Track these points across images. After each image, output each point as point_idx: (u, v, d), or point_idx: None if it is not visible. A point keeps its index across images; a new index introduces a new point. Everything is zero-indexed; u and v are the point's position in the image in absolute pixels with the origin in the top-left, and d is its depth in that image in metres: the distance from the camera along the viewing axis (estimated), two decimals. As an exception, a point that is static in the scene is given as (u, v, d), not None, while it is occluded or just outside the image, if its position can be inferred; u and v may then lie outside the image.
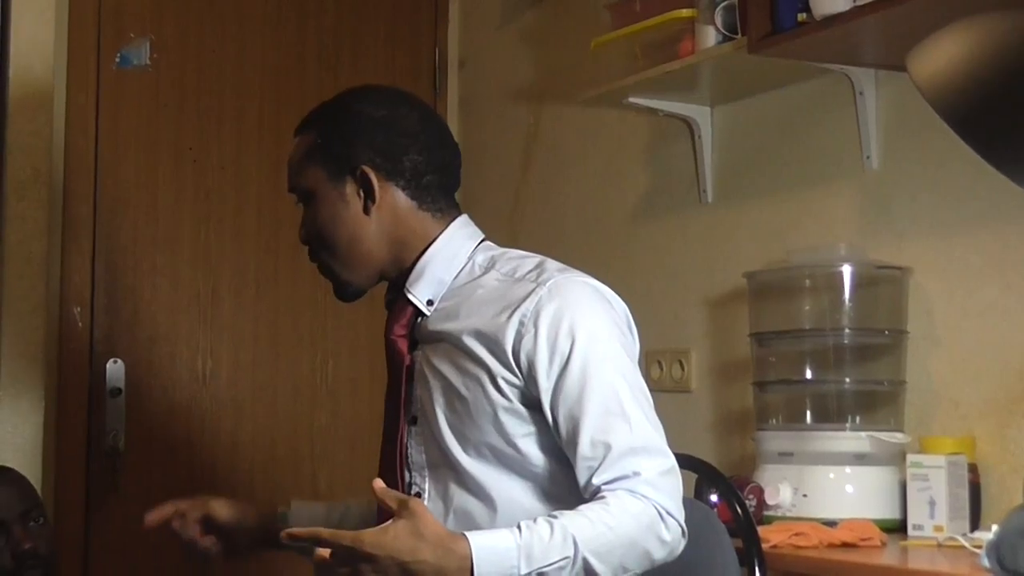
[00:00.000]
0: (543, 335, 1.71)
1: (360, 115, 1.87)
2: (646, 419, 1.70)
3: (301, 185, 1.90)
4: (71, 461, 3.21)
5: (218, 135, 3.45)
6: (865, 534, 2.25)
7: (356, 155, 1.85)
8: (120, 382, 3.29)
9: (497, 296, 1.78)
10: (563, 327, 1.71)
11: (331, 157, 1.86)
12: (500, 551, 1.55)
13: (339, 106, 1.90)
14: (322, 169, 1.86)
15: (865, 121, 2.64)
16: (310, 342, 3.53)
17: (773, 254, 2.80)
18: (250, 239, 3.47)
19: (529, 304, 1.73)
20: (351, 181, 1.86)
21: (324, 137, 1.87)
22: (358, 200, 1.86)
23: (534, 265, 1.82)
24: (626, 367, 1.73)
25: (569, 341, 1.70)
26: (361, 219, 1.86)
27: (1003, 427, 2.39)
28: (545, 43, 3.55)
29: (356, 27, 3.64)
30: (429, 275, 1.85)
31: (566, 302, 1.73)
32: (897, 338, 2.55)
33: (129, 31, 3.37)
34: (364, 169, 1.85)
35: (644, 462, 1.66)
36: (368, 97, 1.91)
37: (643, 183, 3.25)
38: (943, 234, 2.52)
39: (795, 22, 2.41)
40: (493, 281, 1.81)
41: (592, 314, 1.74)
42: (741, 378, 2.83)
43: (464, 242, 1.89)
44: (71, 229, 3.25)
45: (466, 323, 1.78)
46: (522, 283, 1.78)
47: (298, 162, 1.90)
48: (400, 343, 1.85)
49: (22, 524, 2.25)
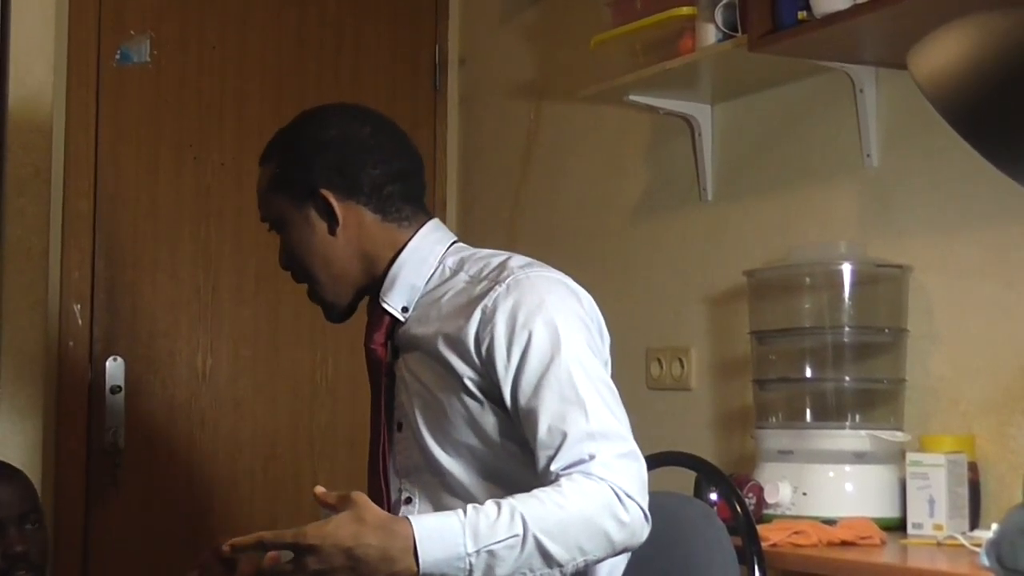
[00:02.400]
0: (500, 329, 1.73)
1: (311, 139, 1.91)
2: (604, 406, 1.69)
3: (270, 215, 1.95)
4: (71, 458, 3.21)
5: (218, 132, 3.45)
6: (865, 532, 2.25)
7: (312, 179, 1.88)
8: (120, 379, 3.29)
9: (463, 298, 1.81)
10: (519, 319, 1.72)
11: (290, 184, 1.90)
12: (444, 530, 1.55)
13: (292, 133, 1.94)
14: (285, 197, 1.91)
15: (865, 119, 2.64)
16: (310, 340, 3.53)
17: (773, 252, 2.80)
18: (250, 236, 3.46)
19: (488, 301, 1.76)
20: (312, 205, 1.89)
21: (281, 166, 1.91)
22: (322, 223, 1.89)
23: (498, 263, 1.83)
24: (584, 356, 1.73)
25: (526, 333, 1.72)
26: (328, 241, 1.90)
27: (1003, 425, 2.39)
28: (545, 41, 3.55)
29: (356, 24, 3.64)
30: (401, 282, 1.88)
31: (523, 296, 1.74)
32: (897, 336, 2.55)
33: (129, 28, 3.36)
34: (322, 192, 1.88)
35: (601, 446, 1.65)
36: (317, 120, 1.94)
37: (643, 181, 3.25)
38: (943, 232, 2.52)
39: (795, 20, 2.41)
40: (461, 283, 1.84)
41: (551, 306, 1.75)
42: (741, 376, 2.83)
43: (433, 247, 1.91)
44: (71, 226, 3.25)
45: (436, 327, 1.81)
46: (484, 282, 1.80)
47: (263, 193, 1.95)
48: (379, 351, 1.90)
49: (18, 526, 2.25)
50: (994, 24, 1.09)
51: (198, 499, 3.35)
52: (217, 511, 3.32)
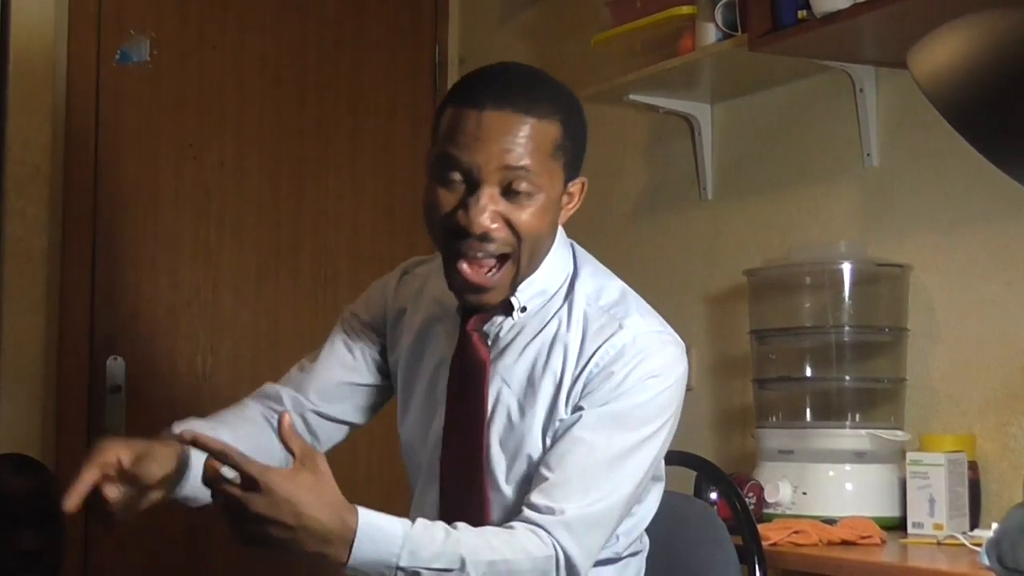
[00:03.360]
0: (617, 377, 1.65)
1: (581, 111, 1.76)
2: (619, 503, 1.64)
3: (536, 174, 1.68)
4: (71, 458, 3.20)
5: (218, 132, 3.45)
6: (865, 532, 2.25)
7: (582, 156, 1.74)
8: (120, 379, 3.29)
9: (582, 323, 1.71)
10: (632, 375, 1.65)
11: (570, 151, 1.71)
12: (385, 535, 1.50)
13: (572, 97, 1.76)
14: (559, 162, 1.69)
15: (865, 118, 2.64)
16: (310, 339, 3.49)
17: (773, 251, 2.81)
18: (250, 236, 3.47)
19: (612, 345, 1.67)
20: (571, 182, 1.74)
21: (571, 130, 1.71)
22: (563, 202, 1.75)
23: (619, 294, 1.74)
24: (651, 451, 1.67)
25: (629, 385, 1.65)
26: (556, 220, 1.74)
27: (1003, 425, 2.39)
28: (545, 40, 3.55)
29: (357, 24, 3.64)
30: (536, 283, 1.73)
31: (647, 356, 1.66)
32: (897, 335, 2.55)
33: (129, 28, 3.36)
34: (583, 178, 1.75)
35: (575, 502, 1.60)
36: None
37: (643, 180, 3.25)
38: (943, 231, 2.52)
39: (795, 19, 2.41)
40: (580, 303, 1.72)
41: (662, 381, 1.67)
42: (741, 375, 2.83)
43: (564, 254, 1.79)
44: (71, 226, 3.25)
45: (545, 339, 1.72)
46: (607, 316, 1.70)
47: (537, 151, 1.66)
48: (476, 338, 1.74)
49: (34, 525, 2.25)
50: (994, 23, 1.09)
51: (198, 499, 3.35)
52: (217, 511, 3.31)
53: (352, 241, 3.56)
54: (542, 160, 1.65)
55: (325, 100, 3.58)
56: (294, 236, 3.51)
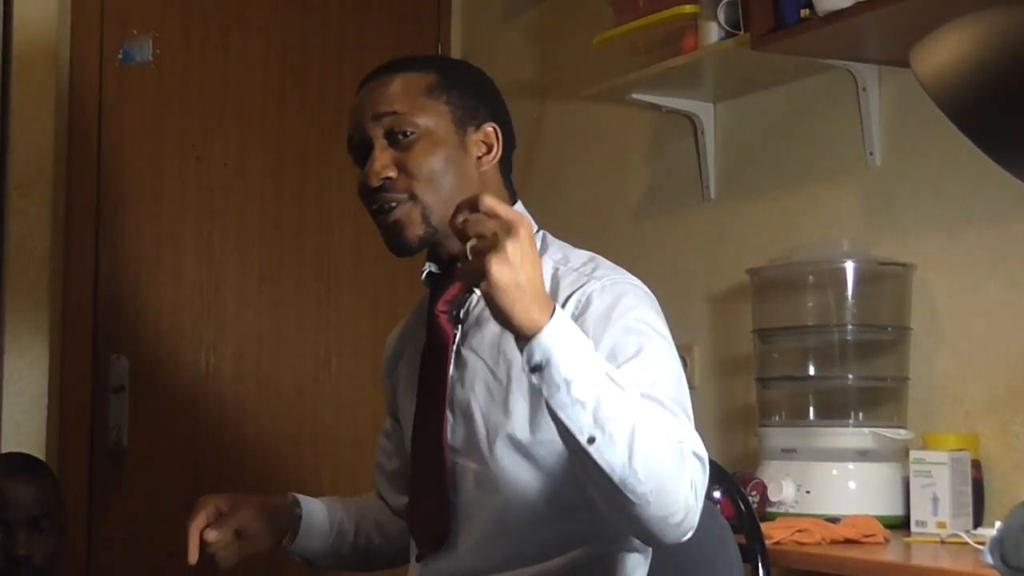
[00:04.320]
0: (596, 311, 1.65)
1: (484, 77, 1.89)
2: (686, 397, 1.66)
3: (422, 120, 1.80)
4: (74, 458, 3.21)
5: (221, 131, 3.46)
6: (868, 531, 2.25)
7: (483, 109, 1.84)
8: (123, 378, 3.29)
9: (551, 284, 1.72)
10: (616, 310, 1.66)
11: (465, 108, 1.82)
12: (580, 339, 1.43)
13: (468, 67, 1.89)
14: (452, 113, 1.80)
15: (868, 117, 2.64)
16: (314, 338, 3.53)
17: (776, 250, 2.80)
18: (253, 235, 3.47)
19: (583, 291, 1.68)
20: (476, 131, 1.82)
21: (458, 86, 1.83)
22: (477, 149, 1.83)
23: (588, 257, 1.78)
24: (678, 365, 1.68)
25: (619, 325, 1.64)
26: (473, 166, 1.82)
27: (1006, 423, 2.39)
28: (548, 39, 3.55)
29: (359, 23, 3.64)
30: None
31: (619, 297, 1.68)
32: (900, 334, 2.55)
33: (132, 28, 3.37)
34: (493, 124, 1.84)
35: (687, 432, 1.57)
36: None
37: (646, 179, 3.25)
38: (946, 230, 2.52)
39: (798, 18, 2.41)
40: (548, 268, 1.74)
41: (646, 310, 1.70)
42: (744, 374, 2.83)
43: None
44: (74, 225, 3.25)
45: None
46: (576, 273, 1.73)
47: (417, 96, 1.80)
48: (442, 319, 1.78)
49: (27, 529, 2.24)
50: (997, 21, 1.09)
51: (202, 498, 3.35)
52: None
53: (355, 241, 3.56)
54: (412, 100, 1.77)
55: (328, 99, 3.58)
56: (297, 236, 3.51)
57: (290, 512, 1.91)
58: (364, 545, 1.98)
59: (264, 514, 1.86)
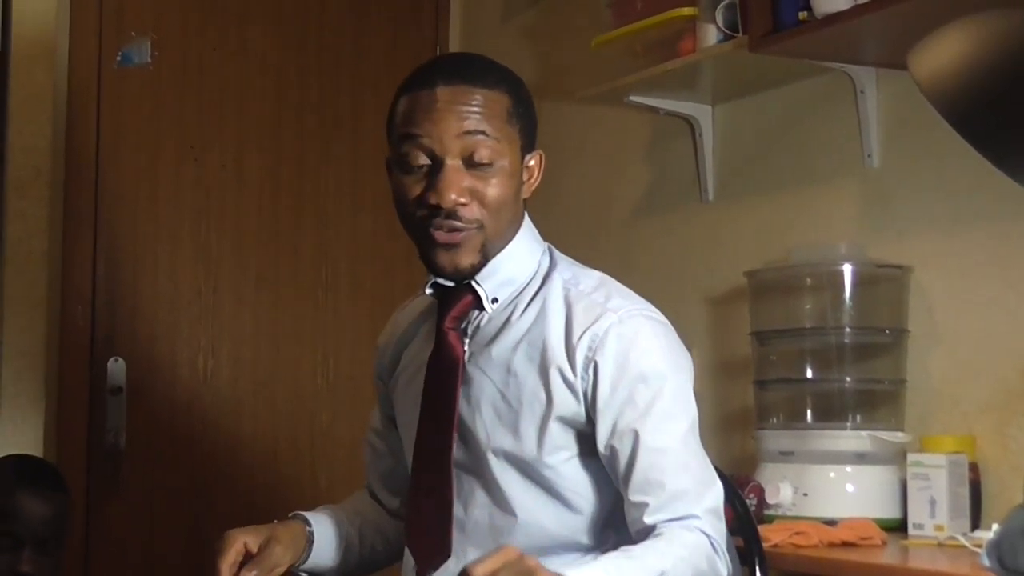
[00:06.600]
0: (612, 355, 1.66)
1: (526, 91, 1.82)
2: (700, 453, 1.71)
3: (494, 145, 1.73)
4: (72, 459, 3.21)
5: (219, 133, 3.46)
6: (865, 533, 2.25)
7: (534, 131, 1.79)
8: (121, 380, 3.29)
9: (564, 309, 1.71)
10: (632, 353, 1.66)
11: (523, 124, 1.76)
12: None
13: (514, 75, 1.82)
14: (514, 133, 1.73)
15: (866, 119, 2.64)
16: (311, 340, 3.53)
17: (774, 253, 2.80)
18: (251, 237, 3.47)
19: (600, 326, 1.67)
20: (528, 154, 1.77)
21: (519, 103, 1.77)
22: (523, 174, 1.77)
23: (598, 280, 1.76)
24: (692, 410, 1.72)
25: (636, 371, 1.66)
26: (519, 192, 1.76)
27: (1004, 426, 2.39)
28: (546, 41, 3.55)
29: (357, 24, 3.64)
30: (503, 274, 1.74)
31: (637, 332, 1.68)
32: (898, 337, 2.55)
33: (130, 30, 3.37)
34: (540, 152, 1.79)
35: (697, 504, 1.64)
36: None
37: (644, 181, 3.25)
38: (944, 232, 2.52)
39: (796, 20, 2.41)
40: (558, 289, 1.73)
41: (661, 351, 1.70)
42: (741, 377, 2.83)
43: (532, 243, 1.79)
44: (72, 227, 3.25)
45: (524, 328, 1.72)
46: (589, 300, 1.71)
47: (492, 119, 1.72)
48: (452, 336, 1.75)
49: (34, 548, 2.24)
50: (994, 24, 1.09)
51: (199, 500, 3.35)
52: (218, 512, 3.32)
53: (352, 242, 3.57)
54: (499, 126, 1.70)
55: (326, 101, 3.58)
56: (295, 237, 3.51)
57: (306, 536, 1.89)
58: (369, 555, 1.97)
59: (290, 550, 1.84)
